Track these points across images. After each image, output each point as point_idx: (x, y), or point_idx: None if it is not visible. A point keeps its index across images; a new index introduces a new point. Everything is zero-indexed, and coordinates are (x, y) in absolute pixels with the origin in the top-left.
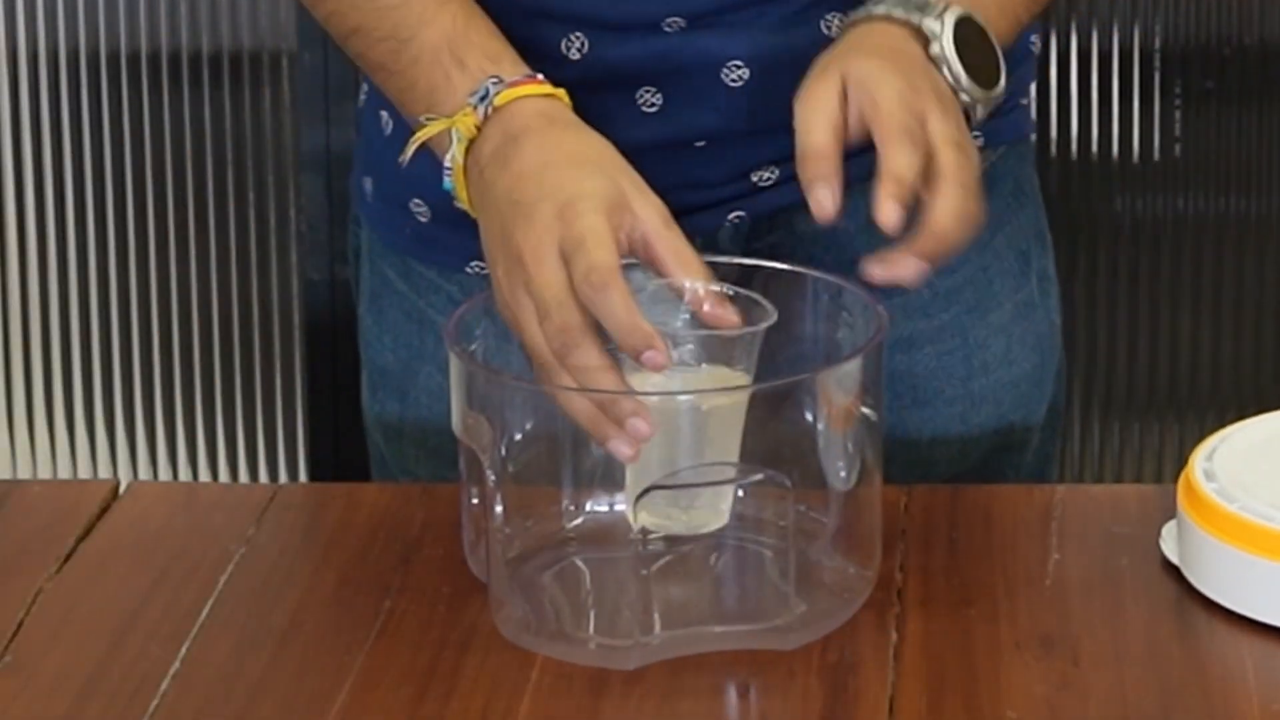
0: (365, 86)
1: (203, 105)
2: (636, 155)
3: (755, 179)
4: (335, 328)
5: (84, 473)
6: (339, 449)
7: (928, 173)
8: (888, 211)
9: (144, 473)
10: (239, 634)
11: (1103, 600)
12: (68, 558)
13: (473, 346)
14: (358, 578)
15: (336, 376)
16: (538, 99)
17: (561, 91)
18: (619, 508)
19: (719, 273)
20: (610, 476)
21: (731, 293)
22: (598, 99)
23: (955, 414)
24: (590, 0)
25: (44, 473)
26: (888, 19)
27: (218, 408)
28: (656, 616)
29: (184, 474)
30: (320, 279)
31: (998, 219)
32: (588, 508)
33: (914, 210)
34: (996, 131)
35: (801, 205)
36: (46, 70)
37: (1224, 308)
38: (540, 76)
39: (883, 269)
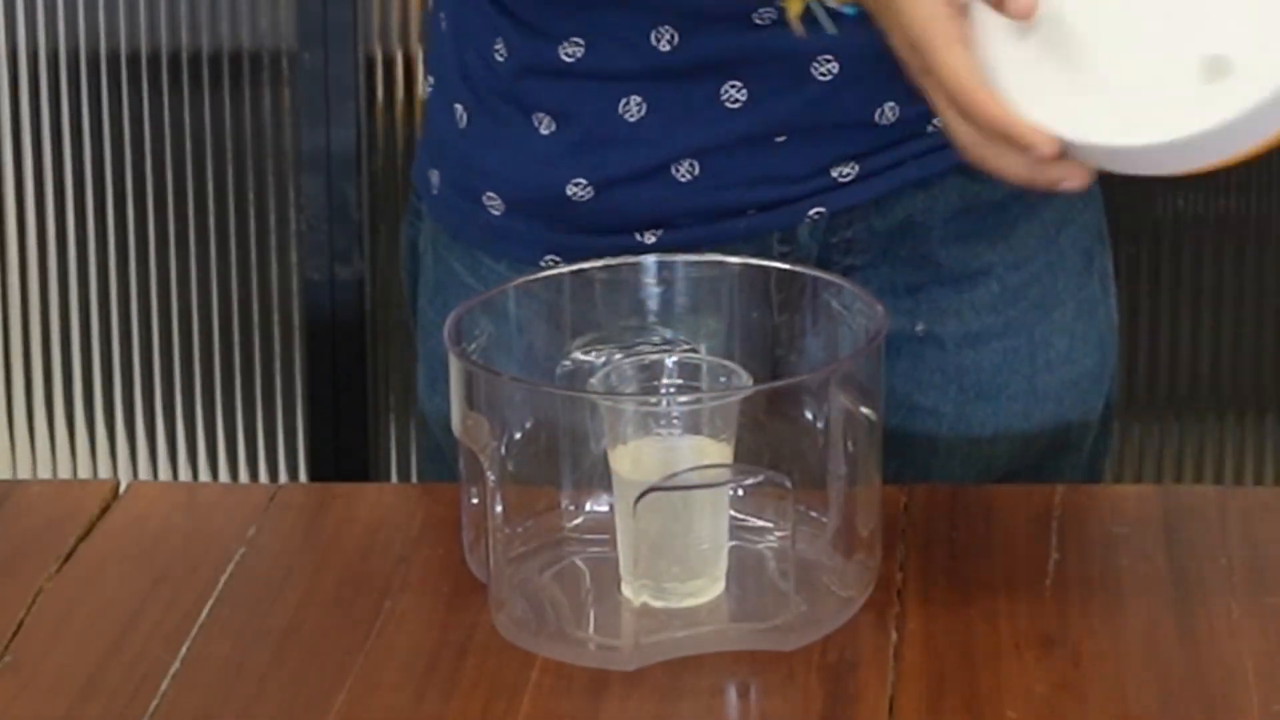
0: (431, 79)
1: (203, 105)
2: (717, 150)
3: (835, 174)
4: (335, 328)
5: (84, 473)
6: (339, 449)
7: None
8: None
9: (144, 473)
10: (239, 634)
11: (1103, 600)
12: (68, 557)
13: (472, 346)
14: (358, 578)
15: (336, 376)
16: None
17: None
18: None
19: (717, 273)
20: (609, 476)
21: (703, 363)
22: (682, 92)
23: (1018, 410)
24: (668, 10)
25: (44, 473)
26: None
27: (218, 408)
28: (660, 618)
29: (184, 474)
30: (320, 279)
31: (1063, 216)
32: (587, 507)
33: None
34: None
35: (881, 199)
36: (46, 70)
37: (1224, 308)
38: None
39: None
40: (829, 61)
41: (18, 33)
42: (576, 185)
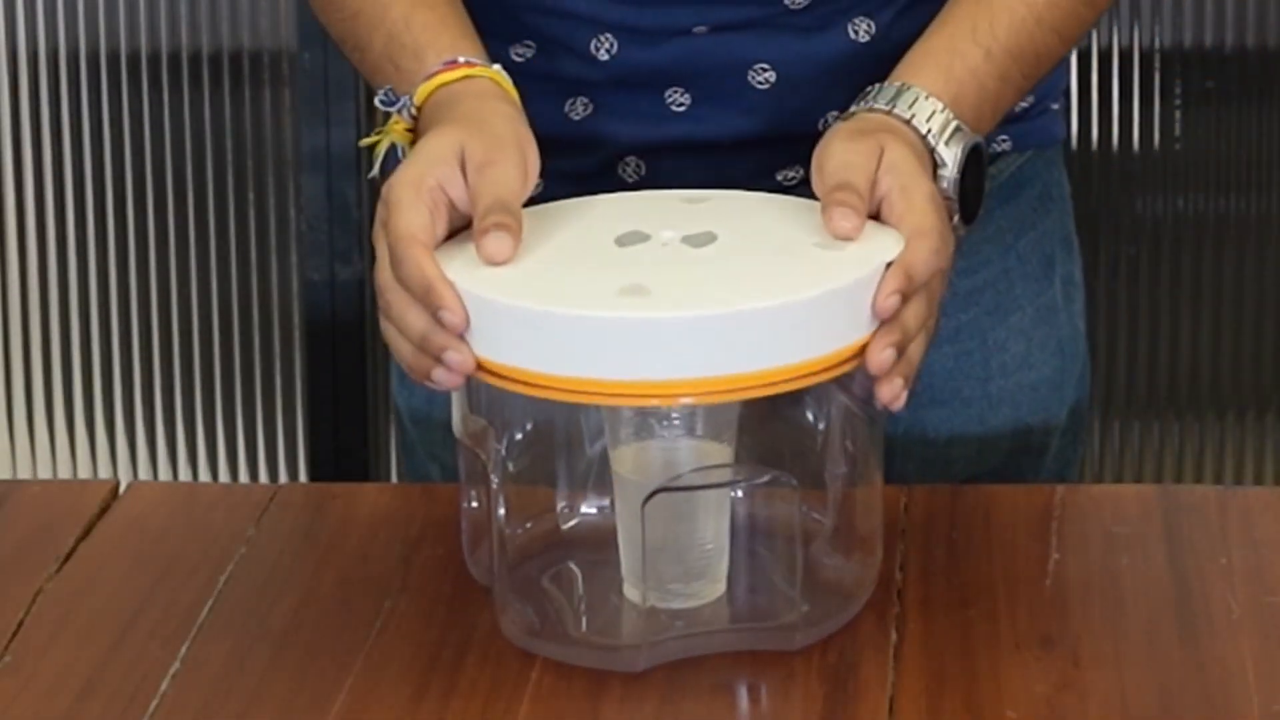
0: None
1: (203, 105)
2: (663, 150)
3: (780, 178)
4: (335, 328)
5: (84, 473)
6: (339, 449)
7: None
8: (887, 298)
9: (144, 473)
10: (239, 634)
11: (1102, 600)
12: (67, 558)
13: None
14: (357, 578)
15: (336, 376)
16: (454, 84)
17: (480, 68)
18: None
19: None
20: (610, 478)
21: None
22: (629, 97)
23: (973, 415)
24: (618, 8)
25: (44, 473)
26: (902, 122)
27: (218, 408)
28: (662, 618)
29: (184, 474)
30: (320, 279)
31: (1022, 223)
32: (592, 508)
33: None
34: (1024, 135)
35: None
36: (46, 70)
37: (1224, 308)
38: (461, 59)
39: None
40: (765, 71)
41: (17, 33)
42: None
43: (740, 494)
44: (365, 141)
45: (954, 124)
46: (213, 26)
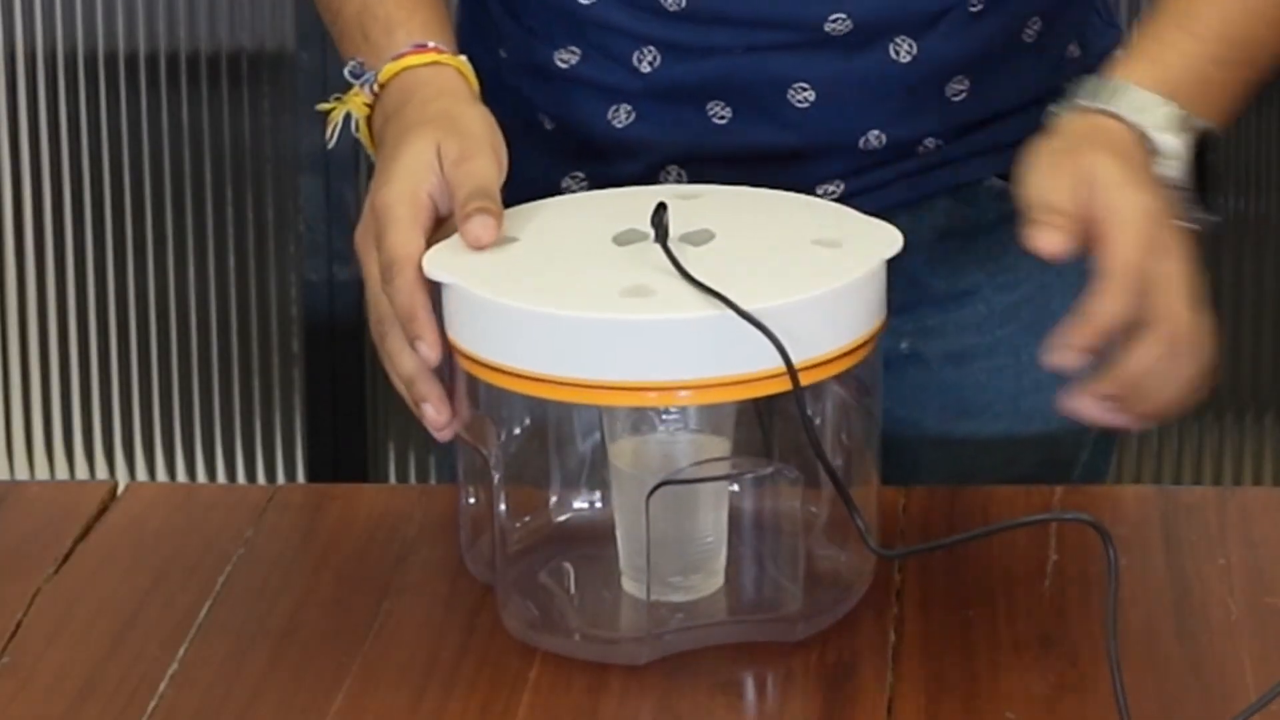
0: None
1: (201, 106)
2: (704, 160)
3: (820, 191)
4: (333, 328)
5: (82, 473)
6: (337, 449)
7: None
8: (1062, 354)
9: (142, 473)
10: (237, 634)
11: (1101, 600)
12: (66, 558)
13: None
14: (356, 578)
15: (335, 377)
16: (421, 69)
17: (448, 56)
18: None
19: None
20: (609, 471)
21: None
22: (670, 108)
23: (1001, 428)
24: (659, 26)
25: (42, 473)
26: (1109, 116)
27: (216, 408)
28: (665, 610)
29: (182, 474)
30: (319, 280)
31: None
32: (596, 503)
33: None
34: None
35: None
36: (45, 70)
37: (1224, 308)
38: (431, 44)
39: (1068, 400)
40: (804, 90)
41: (17, 33)
42: (573, 179)
43: (737, 487)
44: (322, 106)
45: (1178, 114)
46: (211, 27)
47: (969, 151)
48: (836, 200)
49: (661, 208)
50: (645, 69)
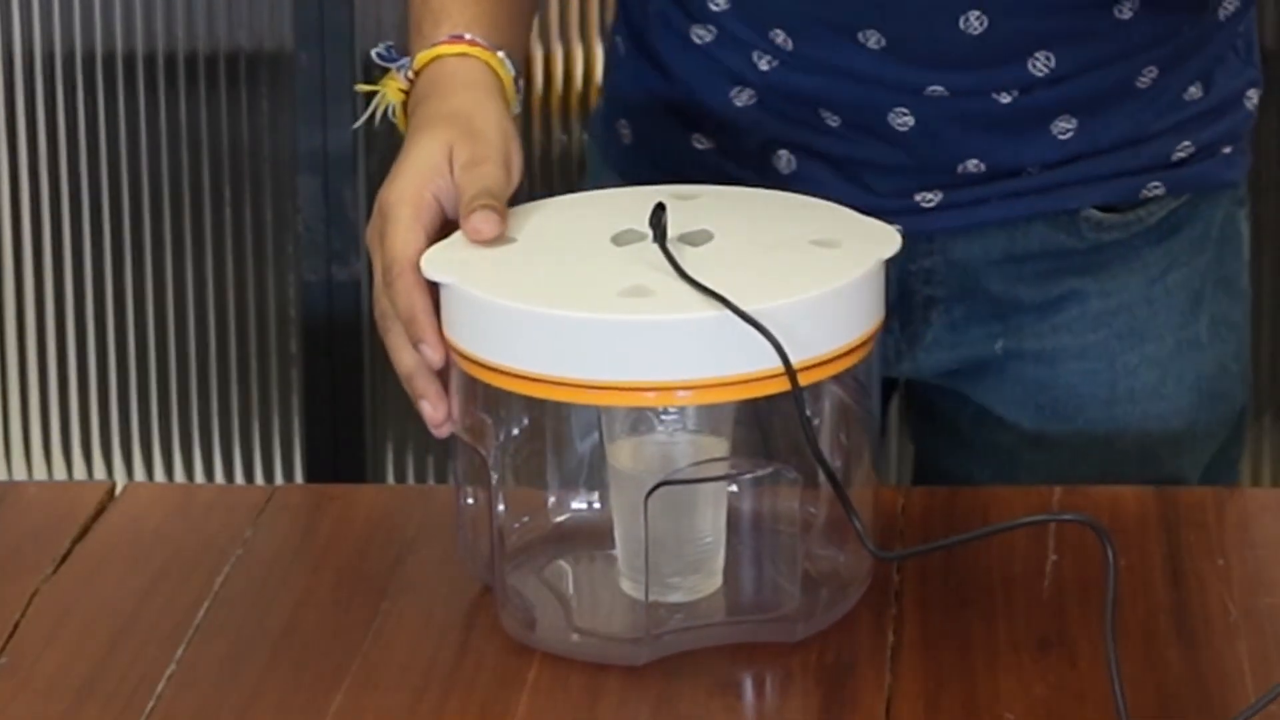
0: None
1: (200, 106)
2: (813, 154)
3: (918, 199)
4: (332, 329)
5: (80, 474)
6: (335, 450)
7: None
8: None
9: (140, 474)
10: (235, 635)
11: (1100, 601)
12: (64, 559)
13: None
14: (354, 579)
15: (333, 378)
16: (451, 59)
17: (481, 49)
18: None
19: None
20: (607, 472)
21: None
22: (786, 103)
23: (1099, 436)
24: (769, 41)
25: (40, 474)
26: None
27: (214, 409)
28: (663, 611)
29: (180, 475)
30: (317, 280)
31: (1172, 261)
32: (594, 503)
33: None
34: (1180, 181)
35: (960, 232)
36: (45, 70)
37: None
38: (468, 35)
39: None
40: (904, 115)
41: (17, 33)
42: (698, 141)
43: (735, 487)
44: (362, 88)
45: None
46: (210, 27)
47: (1070, 180)
48: (933, 210)
49: (660, 208)
50: (764, 67)
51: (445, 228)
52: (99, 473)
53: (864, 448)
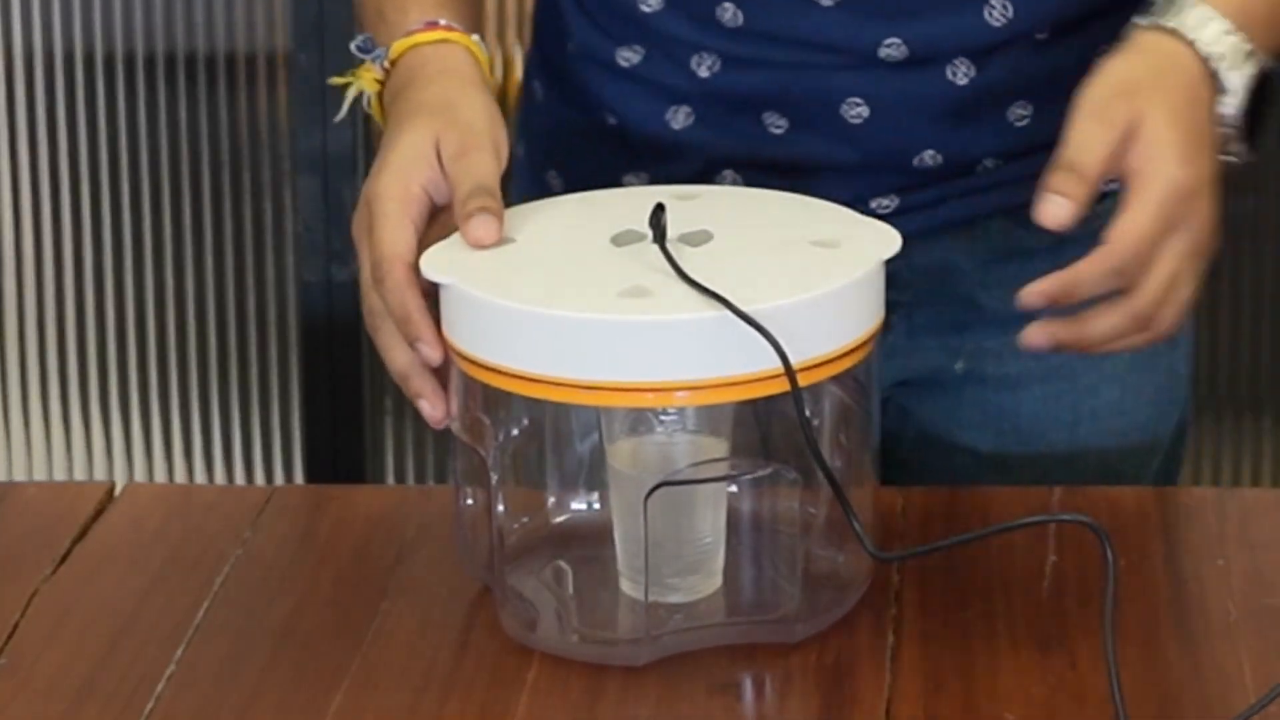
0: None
1: (199, 107)
2: (759, 167)
3: (874, 205)
4: (331, 329)
5: (80, 474)
6: (335, 450)
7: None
8: (1031, 296)
9: (140, 474)
10: (235, 635)
11: (1099, 602)
12: (63, 559)
13: None
14: (354, 579)
15: (332, 378)
16: (428, 46)
17: (458, 35)
18: None
19: None
20: (606, 472)
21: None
22: (728, 114)
23: (1060, 457)
24: (717, 37)
25: (40, 474)
26: (1187, 45)
27: (214, 409)
28: (663, 611)
29: (180, 475)
30: (316, 280)
31: None
32: (594, 504)
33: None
34: None
35: (920, 235)
36: (45, 70)
37: (1224, 308)
38: (442, 22)
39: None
40: (858, 105)
41: (17, 33)
42: (635, 177)
43: (735, 488)
44: (335, 80)
45: (1245, 48)
46: (209, 28)
47: (1028, 173)
48: (890, 216)
49: (660, 209)
50: (704, 74)
51: (434, 219)
52: (99, 473)
53: (863, 448)
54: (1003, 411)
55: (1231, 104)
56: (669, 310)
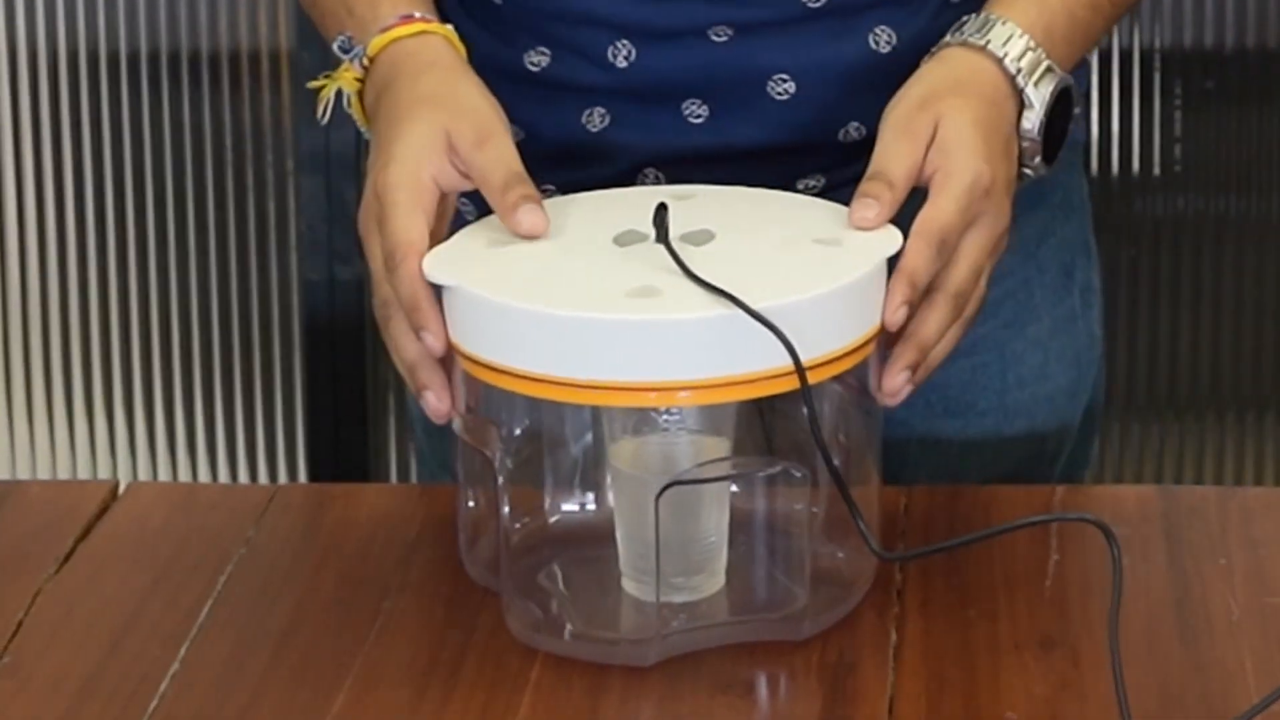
0: None
1: (201, 106)
2: (681, 162)
3: (801, 186)
4: (334, 328)
5: (83, 473)
6: (338, 449)
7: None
8: (895, 312)
9: (143, 473)
10: (238, 634)
11: (1102, 601)
12: (67, 558)
13: None
14: (357, 578)
15: (336, 377)
16: (409, 40)
17: (435, 25)
18: None
19: None
20: (609, 473)
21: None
22: (646, 108)
23: (988, 425)
24: (636, 7)
25: (43, 472)
26: (994, 61)
27: (217, 408)
28: (667, 611)
29: (183, 474)
30: (319, 279)
31: (1044, 230)
32: (597, 503)
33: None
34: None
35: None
36: (46, 70)
37: (1224, 308)
38: (417, 14)
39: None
40: (785, 81)
41: (17, 33)
42: (545, 191)
43: (737, 487)
44: (312, 84)
45: (1045, 63)
46: (212, 27)
47: None
48: (818, 195)
49: (663, 208)
50: (620, 64)
51: (443, 209)
52: (102, 472)
53: (866, 447)
54: (931, 385)
55: (1033, 118)
56: (672, 310)
